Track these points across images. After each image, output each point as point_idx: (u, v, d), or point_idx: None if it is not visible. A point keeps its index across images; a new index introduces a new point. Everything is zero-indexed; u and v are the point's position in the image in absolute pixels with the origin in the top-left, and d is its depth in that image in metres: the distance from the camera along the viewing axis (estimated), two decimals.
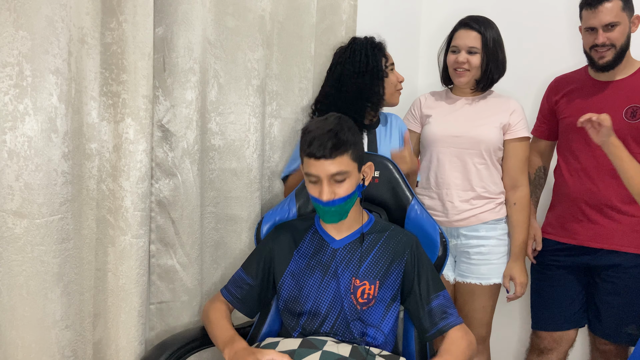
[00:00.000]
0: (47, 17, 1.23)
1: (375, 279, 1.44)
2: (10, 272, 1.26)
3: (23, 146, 1.24)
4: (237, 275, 1.53)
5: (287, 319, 1.50)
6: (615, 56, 1.80)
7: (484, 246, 1.90)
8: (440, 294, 1.44)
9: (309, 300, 1.45)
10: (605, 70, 1.84)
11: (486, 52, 1.86)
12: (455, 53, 1.89)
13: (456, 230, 1.93)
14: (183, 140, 1.54)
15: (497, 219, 1.91)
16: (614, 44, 1.78)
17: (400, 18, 2.51)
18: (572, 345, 2.00)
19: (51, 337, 1.32)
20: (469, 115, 1.93)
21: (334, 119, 1.39)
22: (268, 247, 1.53)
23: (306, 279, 1.47)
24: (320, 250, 1.48)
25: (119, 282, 1.44)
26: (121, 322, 1.45)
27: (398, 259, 1.45)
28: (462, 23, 1.90)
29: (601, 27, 1.77)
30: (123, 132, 1.40)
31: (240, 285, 1.51)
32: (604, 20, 1.76)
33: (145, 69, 1.39)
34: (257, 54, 1.70)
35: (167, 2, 1.49)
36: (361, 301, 1.43)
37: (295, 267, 1.49)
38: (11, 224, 1.25)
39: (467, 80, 1.89)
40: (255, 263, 1.52)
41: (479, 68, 1.87)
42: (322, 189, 1.36)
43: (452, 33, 1.93)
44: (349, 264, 1.45)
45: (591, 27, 1.80)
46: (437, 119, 1.96)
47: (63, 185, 1.31)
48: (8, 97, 1.21)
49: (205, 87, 1.62)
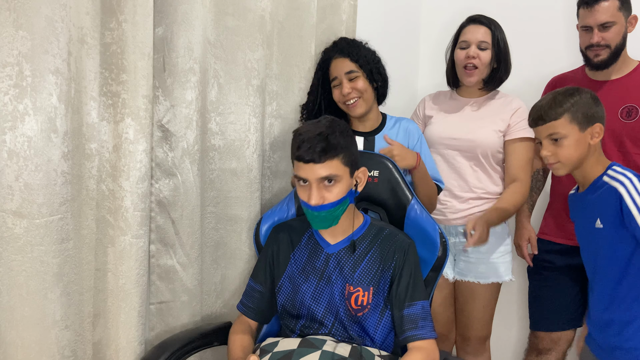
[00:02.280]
0: (47, 17, 1.23)
1: (369, 285, 1.41)
2: (10, 272, 1.26)
3: (23, 146, 1.23)
4: (248, 285, 1.55)
5: (285, 320, 1.50)
6: (610, 55, 1.79)
7: (483, 245, 1.89)
8: (418, 304, 1.40)
9: (304, 306, 1.45)
10: (600, 69, 1.83)
11: (496, 51, 1.84)
12: (464, 49, 1.85)
13: (454, 228, 1.93)
14: (183, 140, 1.54)
15: None
16: (609, 44, 1.77)
17: (400, 18, 2.51)
18: (571, 345, 2.00)
19: (51, 337, 1.32)
20: (469, 117, 1.91)
21: (326, 122, 1.37)
22: (270, 250, 1.53)
23: (301, 284, 1.46)
24: (314, 254, 1.47)
25: (118, 282, 1.44)
26: (121, 323, 1.45)
27: (388, 263, 1.43)
28: (472, 19, 1.88)
29: (597, 26, 1.76)
30: (123, 132, 1.40)
31: (252, 294, 1.52)
32: (600, 20, 1.75)
33: (145, 69, 1.39)
34: (257, 53, 1.70)
35: (167, 2, 1.49)
36: (355, 307, 1.41)
37: (292, 270, 1.49)
38: (11, 224, 1.25)
39: (477, 79, 1.86)
40: (262, 269, 1.53)
41: (488, 65, 1.85)
42: (311, 192, 1.33)
43: (460, 30, 1.90)
44: (342, 270, 1.43)
45: (587, 26, 1.79)
46: (438, 120, 1.96)
47: (63, 186, 1.31)
48: (8, 97, 1.21)
49: (205, 87, 1.62)
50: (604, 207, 1.44)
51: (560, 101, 1.47)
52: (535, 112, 1.52)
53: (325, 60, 1.77)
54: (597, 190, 1.48)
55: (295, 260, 1.49)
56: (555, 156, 1.49)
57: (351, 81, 1.71)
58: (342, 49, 1.74)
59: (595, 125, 1.47)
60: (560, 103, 1.47)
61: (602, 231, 1.46)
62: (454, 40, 1.92)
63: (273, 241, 1.53)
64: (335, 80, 1.74)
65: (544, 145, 1.51)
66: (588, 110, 1.47)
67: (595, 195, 1.48)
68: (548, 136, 1.49)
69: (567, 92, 1.49)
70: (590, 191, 1.51)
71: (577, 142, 1.46)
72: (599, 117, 1.48)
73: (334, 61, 1.74)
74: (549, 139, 1.49)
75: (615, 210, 1.41)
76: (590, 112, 1.47)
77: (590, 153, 1.49)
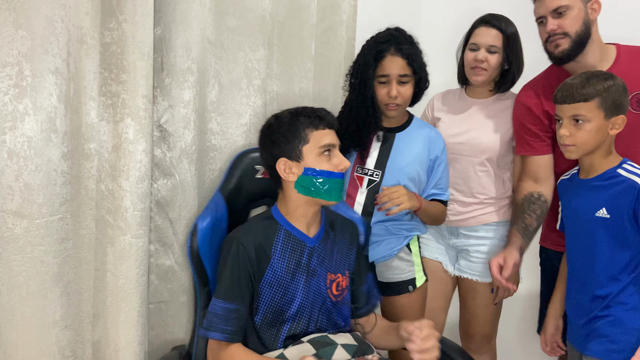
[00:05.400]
0: (46, 17, 1.23)
1: (345, 269, 1.48)
2: (10, 272, 1.26)
3: (23, 146, 1.24)
4: (220, 308, 1.33)
5: (265, 333, 1.39)
6: (572, 45, 1.63)
7: (484, 245, 1.88)
8: (369, 276, 1.57)
9: (293, 305, 1.39)
10: (564, 62, 1.67)
11: (507, 52, 1.81)
12: (474, 51, 1.83)
13: (456, 229, 1.92)
14: (181, 140, 1.54)
15: (500, 221, 1.88)
16: (566, 31, 1.62)
17: (400, 18, 2.50)
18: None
19: (51, 337, 1.33)
20: (476, 121, 1.88)
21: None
22: (241, 262, 1.35)
23: (288, 284, 1.39)
24: (296, 251, 1.41)
25: (118, 282, 1.44)
26: (120, 322, 1.45)
27: (352, 243, 1.53)
28: (483, 20, 1.84)
29: (549, 13, 1.64)
30: (122, 132, 1.40)
31: (229, 316, 1.32)
32: (551, 6, 1.62)
33: (144, 68, 1.39)
34: (258, 53, 1.70)
35: (165, 2, 1.49)
36: (336, 293, 1.45)
37: (272, 274, 1.38)
38: (11, 224, 1.25)
39: (483, 79, 1.84)
40: (235, 285, 1.34)
41: (496, 68, 1.83)
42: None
43: (472, 30, 1.87)
44: (323, 261, 1.45)
45: (541, 17, 1.67)
46: (445, 122, 1.93)
47: (62, 186, 1.31)
48: (8, 97, 1.21)
49: (206, 87, 1.62)
50: (617, 198, 1.43)
51: (594, 84, 1.42)
52: (564, 89, 1.46)
53: (380, 51, 1.66)
54: (608, 181, 1.45)
55: (276, 262, 1.38)
56: (572, 138, 1.45)
57: (400, 84, 1.66)
58: (401, 47, 1.66)
59: (619, 116, 1.44)
60: (594, 85, 1.42)
61: (607, 220, 1.44)
62: (465, 40, 1.90)
63: (242, 252, 1.35)
64: (384, 78, 1.66)
65: (564, 124, 1.46)
66: (618, 98, 1.43)
67: (605, 185, 1.46)
68: (571, 116, 1.44)
69: (603, 76, 1.44)
70: (598, 179, 1.48)
71: (599, 129, 1.43)
72: (624, 108, 1.45)
73: (390, 57, 1.66)
74: (571, 119, 1.45)
75: (629, 203, 1.40)
76: (619, 101, 1.42)
77: (607, 143, 1.46)
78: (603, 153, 1.48)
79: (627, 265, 1.45)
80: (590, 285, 1.50)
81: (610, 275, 1.46)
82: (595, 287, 1.49)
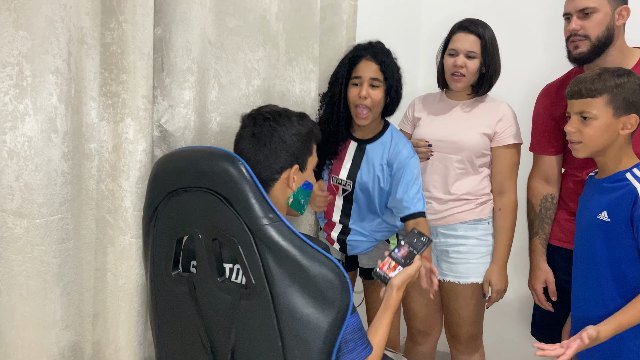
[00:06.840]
0: (47, 17, 1.23)
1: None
2: (10, 272, 1.26)
3: (23, 146, 1.24)
4: None
5: None
6: (590, 49, 1.61)
7: (463, 245, 1.90)
8: None
9: None
10: (579, 63, 1.67)
11: (485, 57, 1.84)
12: (453, 56, 1.86)
13: (434, 229, 1.93)
14: (181, 140, 1.54)
15: (478, 219, 1.90)
16: (587, 34, 1.60)
17: (400, 18, 2.51)
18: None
19: (51, 337, 1.33)
20: (456, 120, 1.92)
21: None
22: None
23: None
24: None
25: (118, 282, 1.44)
26: (121, 322, 1.45)
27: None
28: (461, 26, 1.87)
29: (576, 12, 1.62)
30: (122, 132, 1.40)
31: None
32: (578, 5, 1.61)
33: (144, 69, 1.39)
34: (258, 54, 1.70)
35: (165, 2, 1.49)
36: None
37: None
38: (11, 224, 1.25)
39: (463, 85, 1.88)
40: None
41: (475, 74, 1.86)
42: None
43: (450, 35, 1.90)
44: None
45: (567, 13, 1.66)
46: (426, 122, 1.97)
47: (63, 186, 1.31)
48: (8, 97, 1.21)
49: (206, 87, 1.62)
50: (618, 202, 1.39)
51: (605, 79, 1.37)
52: (575, 84, 1.43)
53: (356, 56, 1.77)
54: (615, 183, 1.41)
55: None
56: (579, 134, 1.41)
57: (371, 88, 1.73)
58: (376, 53, 1.75)
59: (631, 116, 1.38)
60: (604, 81, 1.37)
61: (607, 224, 1.41)
62: (444, 45, 1.93)
63: None
64: (357, 79, 1.76)
65: (571, 120, 1.42)
66: (631, 96, 1.37)
67: (611, 187, 1.42)
68: (578, 112, 1.40)
69: (616, 72, 1.39)
70: (607, 181, 1.44)
71: (607, 127, 1.38)
72: (639, 107, 1.38)
73: (364, 61, 1.76)
74: (578, 115, 1.41)
75: (626, 209, 1.37)
76: (633, 100, 1.36)
77: (619, 143, 1.40)
78: (615, 153, 1.42)
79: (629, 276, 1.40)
80: (592, 285, 1.49)
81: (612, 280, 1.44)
82: (596, 287, 1.48)
